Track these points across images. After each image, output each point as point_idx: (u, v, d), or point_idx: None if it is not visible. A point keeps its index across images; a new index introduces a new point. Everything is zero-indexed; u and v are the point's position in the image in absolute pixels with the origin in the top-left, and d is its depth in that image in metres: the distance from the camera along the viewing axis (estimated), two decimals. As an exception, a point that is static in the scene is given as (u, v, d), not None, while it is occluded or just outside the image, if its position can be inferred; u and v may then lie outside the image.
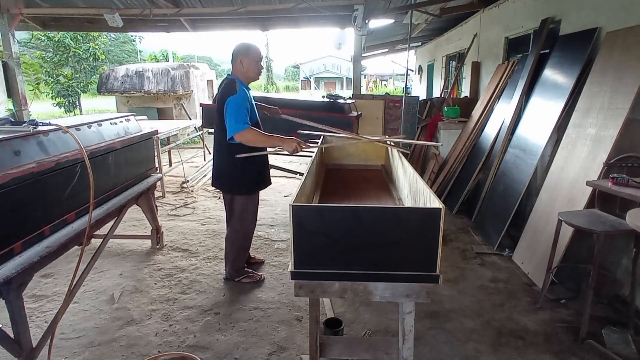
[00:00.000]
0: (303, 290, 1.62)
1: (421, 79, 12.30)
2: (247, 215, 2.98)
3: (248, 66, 2.69)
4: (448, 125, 5.52)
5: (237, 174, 2.83)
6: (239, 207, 2.95)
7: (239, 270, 3.13)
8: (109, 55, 20.68)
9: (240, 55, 2.67)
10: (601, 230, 2.33)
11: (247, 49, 2.68)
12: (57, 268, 3.31)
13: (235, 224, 3.00)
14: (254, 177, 2.91)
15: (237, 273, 3.12)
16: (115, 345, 2.42)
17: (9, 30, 5.89)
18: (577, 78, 3.38)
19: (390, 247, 1.52)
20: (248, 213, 2.98)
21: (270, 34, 26.57)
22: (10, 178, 1.82)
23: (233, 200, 2.96)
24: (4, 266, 1.80)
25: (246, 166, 2.76)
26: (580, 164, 3.01)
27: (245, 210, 2.96)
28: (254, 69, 2.72)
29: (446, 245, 3.84)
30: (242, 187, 2.89)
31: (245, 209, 2.95)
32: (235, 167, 2.77)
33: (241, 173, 2.82)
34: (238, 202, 2.94)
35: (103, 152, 2.68)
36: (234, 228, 3.02)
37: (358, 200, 2.48)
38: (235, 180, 2.86)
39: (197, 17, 6.65)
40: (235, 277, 3.12)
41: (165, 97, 10.21)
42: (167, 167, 7.02)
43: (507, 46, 5.32)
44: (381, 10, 5.68)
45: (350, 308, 2.79)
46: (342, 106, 4.73)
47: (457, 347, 2.39)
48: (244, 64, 2.69)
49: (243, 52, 2.67)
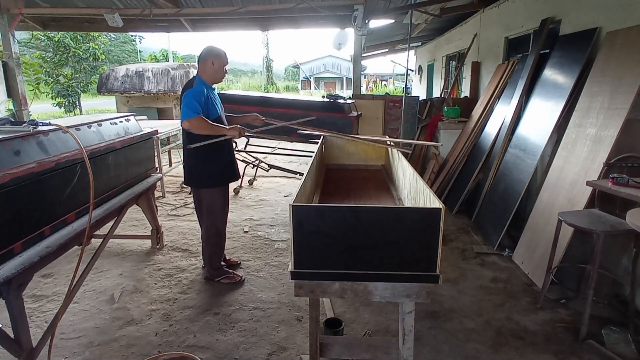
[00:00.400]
0: (303, 290, 1.62)
1: (421, 79, 12.30)
2: (215, 209, 3.00)
3: (218, 68, 2.88)
4: (448, 125, 5.52)
5: (202, 167, 2.91)
6: (206, 201, 2.99)
7: (217, 270, 3.14)
8: (109, 55, 20.68)
9: (213, 56, 2.86)
10: (601, 230, 2.33)
11: (219, 53, 2.88)
12: (57, 268, 3.31)
13: (206, 220, 3.04)
14: (219, 170, 2.96)
15: (216, 272, 3.14)
16: (115, 345, 2.41)
17: (9, 30, 5.89)
18: (577, 78, 3.38)
19: (390, 247, 1.52)
20: (216, 207, 3.00)
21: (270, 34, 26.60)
22: (10, 178, 1.82)
23: (200, 195, 3.02)
24: (4, 266, 1.80)
25: (211, 159, 2.88)
26: (580, 164, 3.01)
27: (213, 204, 2.99)
28: (222, 72, 2.94)
29: (446, 245, 3.84)
30: (208, 180, 2.94)
31: (212, 203, 2.98)
32: (199, 160, 2.88)
33: (205, 166, 2.90)
34: (205, 196, 2.98)
35: (103, 152, 2.68)
36: (205, 224, 3.06)
37: (358, 200, 2.48)
38: (201, 173, 2.93)
39: (197, 17, 6.65)
40: (215, 277, 3.14)
41: (165, 97, 10.21)
42: (167, 167, 7.02)
43: (507, 46, 5.32)
44: (381, 10, 5.68)
45: (350, 308, 2.79)
46: (342, 106, 4.73)
47: (457, 347, 2.39)
48: (215, 65, 2.87)
49: (215, 54, 2.87)
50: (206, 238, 3.08)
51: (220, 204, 3.02)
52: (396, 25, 7.25)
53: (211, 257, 3.11)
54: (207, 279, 3.17)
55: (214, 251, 3.11)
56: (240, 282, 3.14)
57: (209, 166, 2.91)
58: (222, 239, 3.14)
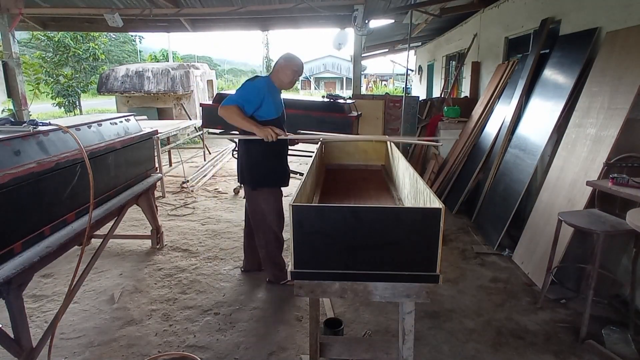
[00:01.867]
0: (303, 290, 1.62)
1: (421, 79, 12.30)
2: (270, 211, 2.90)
3: (286, 74, 2.80)
4: (448, 125, 5.52)
5: (251, 166, 2.84)
6: (253, 202, 2.91)
7: (283, 270, 3.04)
8: (109, 55, 20.65)
9: (286, 61, 2.80)
10: (601, 230, 2.33)
11: (292, 61, 2.81)
12: (57, 268, 3.31)
13: (261, 224, 2.93)
14: (274, 170, 2.89)
15: (283, 274, 3.04)
16: (115, 345, 2.41)
17: (9, 30, 5.88)
18: (577, 78, 3.38)
19: (390, 247, 1.52)
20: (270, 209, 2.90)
21: (270, 34, 26.57)
22: (10, 178, 1.82)
23: (249, 195, 2.94)
24: (4, 266, 1.80)
25: (258, 158, 2.81)
26: (580, 164, 3.01)
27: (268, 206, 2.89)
28: (288, 79, 2.82)
29: (446, 245, 3.84)
30: (261, 180, 2.87)
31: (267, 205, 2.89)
32: (248, 159, 2.83)
33: (253, 165, 2.83)
34: (253, 197, 2.91)
35: (103, 152, 2.68)
36: (262, 229, 2.95)
37: (358, 200, 2.48)
38: (250, 172, 2.86)
39: (197, 17, 6.65)
40: (281, 280, 3.05)
41: (165, 97, 10.21)
42: (167, 167, 7.02)
43: (507, 46, 5.32)
44: (381, 10, 5.68)
45: (350, 308, 2.79)
46: (342, 106, 4.73)
47: (457, 347, 2.39)
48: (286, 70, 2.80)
49: (288, 60, 2.81)
50: (265, 244, 2.97)
51: (275, 206, 2.93)
52: (396, 25, 7.25)
53: (276, 259, 3.02)
54: (271, 282, 3.09)
55: (276, 254, 3.01)
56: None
57: (257, 165, 2.84)
58: (281, 243, 3.04)
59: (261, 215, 2.92)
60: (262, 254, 3.04)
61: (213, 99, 4.93)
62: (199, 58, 34.18)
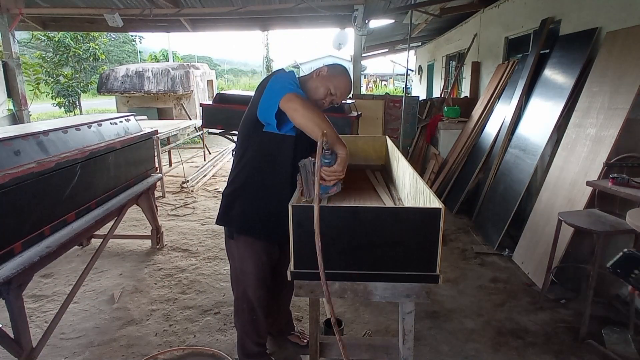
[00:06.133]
0: (303, 290, 1.61)
1: (421, 79, 12.29)
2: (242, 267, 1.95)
3: (317, 83, 1.81)
4: (448, 125, 5.52)
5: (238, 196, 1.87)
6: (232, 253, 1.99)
7: (248, 356, 2.10)
8: (109, 55, 20.68)
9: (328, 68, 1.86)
10: (601, 230, 2.33)
11: (338, 72, 1.86)
12: (57, 268, 3.31)
13: (233, 283, 2.05)
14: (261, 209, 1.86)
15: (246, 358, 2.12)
16: (115, 345, 2.41)
17: (9, 30, 5.89)
18: (577, 78, 3.38)
19: (390, 247, 1.52)
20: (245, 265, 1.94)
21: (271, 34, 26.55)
22: (10, 178, 1.82)
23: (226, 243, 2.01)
24: (4, 266, 1.80)
25: (254, 190, 1.85)
26: (580, 164, 3.01)
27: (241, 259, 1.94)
28: (320, 94, 1.81)
29: (446, 245, 3.84)
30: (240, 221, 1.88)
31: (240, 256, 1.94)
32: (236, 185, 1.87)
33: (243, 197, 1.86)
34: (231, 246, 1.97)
35: (103, 152, 2.68)
36: (235, 290, 2.07)
37: (358, 200, 2.47)
38: (234, 205, 1.87)
39: (197, 17, 6.65)
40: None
41: (165, 97, 10.21)
42: (167, 167, 7.02)
43: (507, 46, 5.32)
44: (381, 10, 5.68)
45: (350, 308, 2.79)
46: (342, 106, 4.73)
47: (457, 347, 2.39)
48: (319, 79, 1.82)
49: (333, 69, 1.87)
50: (236, 311, 2.09)
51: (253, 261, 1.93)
52: (396, 25, 7.25)
53: (241, 337, 2.10)
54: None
55: (243, 329, 2.08)
56: None
57: (248, 199, 1.85)
58: (257, 323, 2.05)
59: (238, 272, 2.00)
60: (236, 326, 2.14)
61: (213, 99, 4.93)
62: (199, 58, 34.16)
